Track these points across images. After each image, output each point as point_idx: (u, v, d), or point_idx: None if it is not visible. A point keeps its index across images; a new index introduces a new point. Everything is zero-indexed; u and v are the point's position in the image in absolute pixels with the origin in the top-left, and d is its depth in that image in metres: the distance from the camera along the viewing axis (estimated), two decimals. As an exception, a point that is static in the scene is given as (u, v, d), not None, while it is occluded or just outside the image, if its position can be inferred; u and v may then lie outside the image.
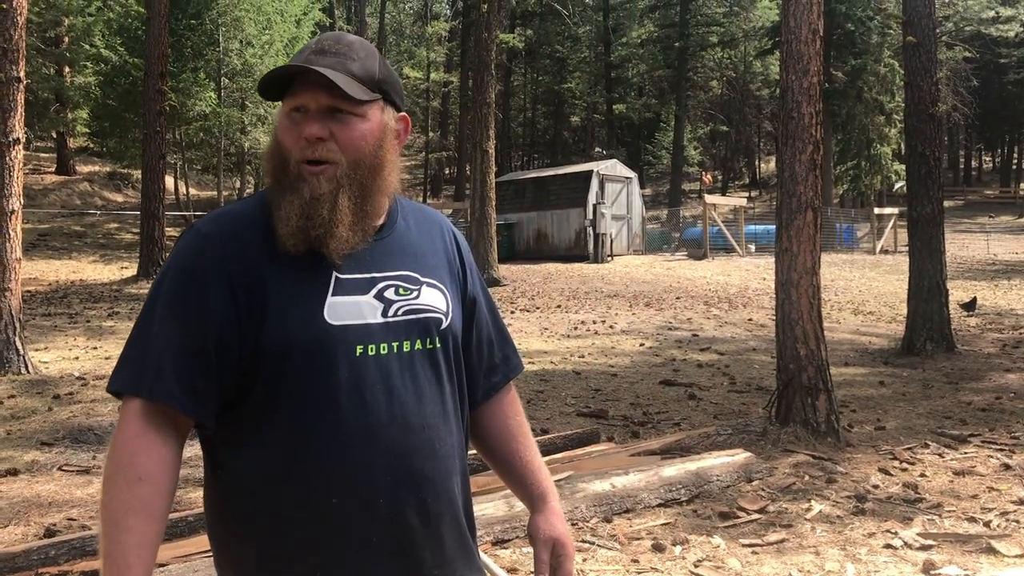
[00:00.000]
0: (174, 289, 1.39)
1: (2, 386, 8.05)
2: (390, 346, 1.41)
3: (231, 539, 1.43)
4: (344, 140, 1.40)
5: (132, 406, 1.34)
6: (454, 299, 1.54)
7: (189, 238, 1.43)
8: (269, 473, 1.37)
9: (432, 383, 1.46)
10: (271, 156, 1.45)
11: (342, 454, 1.36)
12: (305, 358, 1.36)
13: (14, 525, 4.70)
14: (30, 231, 23.04)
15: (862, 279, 21.43)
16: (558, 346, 11.33)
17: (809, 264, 6.25)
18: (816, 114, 6.28)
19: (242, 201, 1.51)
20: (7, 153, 8.42)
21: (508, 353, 1.70)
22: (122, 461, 1.31)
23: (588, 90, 52.46)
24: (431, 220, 1.62)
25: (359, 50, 1.44)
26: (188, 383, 1.34)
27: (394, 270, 1.47)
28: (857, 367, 10.00)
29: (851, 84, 32.91)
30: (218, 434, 1.41)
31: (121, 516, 1.28)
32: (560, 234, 25.02)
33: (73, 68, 27.17)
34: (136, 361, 1.36)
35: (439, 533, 1.45)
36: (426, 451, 1.42)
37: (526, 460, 1.65)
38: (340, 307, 1.39)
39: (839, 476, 5.35)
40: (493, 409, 1.67)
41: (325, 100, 1.39)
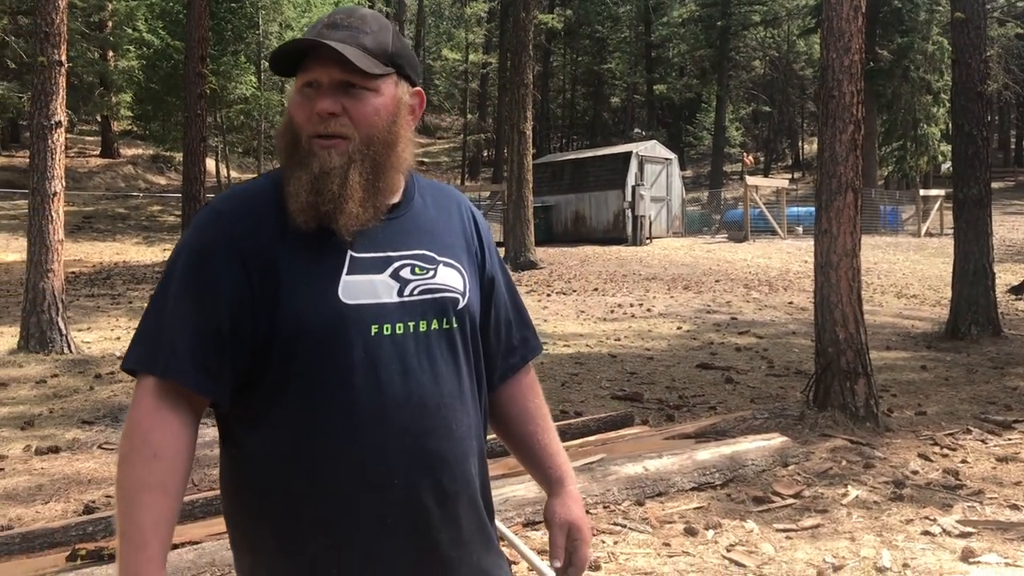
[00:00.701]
0: (188, 267, 1.37)
1: (45, 365, 8.20)
2: (406, 326, 1.39)
3: (246, 519, 1.42)
4: (357, 115, 1.37)
5: (146, 384, 1.33)
6: (471, 278, 1.52)
7: (204, 216, 1.42)
8: (283, 453, 1.36)
9: (449, 363, 1.44)
10: (283, 133, 1.43)
11: (356, 434, 1.35)
12: (319, 338, 1.34)
13: (55, 501, 4.79)
14: (75, 213, 23.46)
15: (906, 262, 21.07)
16: (594, 329, 11.28)
17: (849, 246, 6.13)
18: (858, 93, 6.15)
19: (258, 179, 1.48)
20: (49, 136, 8.55)
21: (527, 334, 1.67)
22: (137, 439, 1.31)
23: (628, 70, 51.99)
24: (448, 198, 1.59)
25: (372, 23, 1.41)
26: (201, 361, 1.33)
27: (410, 249, 1.44)
28: (899, 351, 9.83)
29: (897, 63, 32.25)
30: (233, 413, 1.40)
31: (136, 493, 1.28)
32: (598, 216, 24.87)
33: (117, 52, 27.52)
34: (150, 339, 1.36)
35: (456, 514, 1.43)
36: (442, 431, 1.41)
37: (544, 443, 1.63)
38: (355, 286, 1.37)
39: (877, 461, 5.27)
40: (511, 391, 1.64)
41: (337, 75, 1.36)
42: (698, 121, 48.63)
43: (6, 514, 4.56)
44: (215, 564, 3.39)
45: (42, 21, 8.65)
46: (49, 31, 8.62)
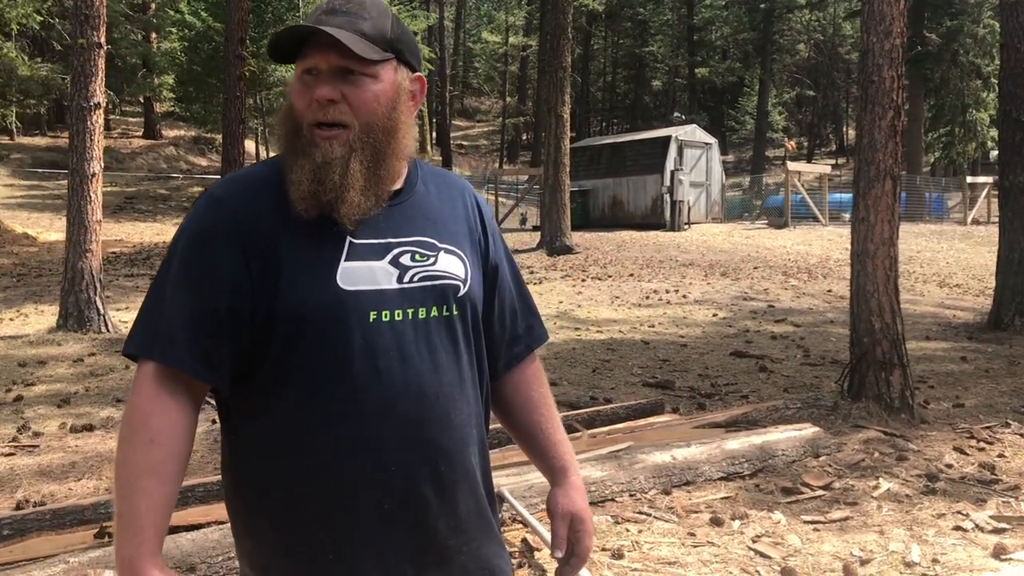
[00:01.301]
0: (187, 253, 1.38)
1: (82, 344, 8.33)
2: (405, 313, 1.38)
3: (246, 505, 1.43)
4: (356, 102, 1.37)
5: (146, 369, 1.33)
6: (473, 266, 1.51)
7: (203, 202, 1.41)
8: (281, 440, 1.36)
9: (448, 351, 1.43)
10: (284, 120, 1.42)
11: (354, 422, 1.35)
12: (318, 324, 1.34)
13: (87, 479, 4.87)
14: (117, 194, 23.81)
15: (950, 250, 20.70)
16: (628, 315, 11.21)
17: (886, 234, 6.01)
18: (898, 78, 6.01)
19: (257, 165, 1.48)
20: (88, 117, 8.65)
21: (532, 323, 1.66)
22: (136, 424, 1.31)
23: (670, 53, 51.54)
24: (452, 185, 1.58)
25: (371, 9, 1.40)
26: (200, 348, 1.33)
27: (411, 235, 1.43)
28: (939, 341, 9.65)
29: (946, 46, 31.59)
30: (232, 401, 1.41)
31: (134, 478, 1.28)
32: (636, 201, 24.69)
33: (159, 34, 27.82)
34: (150, 325, 1.36)
35: (454, 502, 1.43)
36: (441, 420, 1.40)
37: (547, 433, 1.62)
38: (353, 272, 1.36)
39: (911, 454, 5.17)
40: (515, 380, 1.63)
41: (336, 61, 1.35)
42: (740, 105, 48.11)
43: (40, 490, 4.64)
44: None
45: (82, 3, 8.75)
46: (88, 13, 8.71)
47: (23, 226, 18.95)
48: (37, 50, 20.23)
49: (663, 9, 51.44)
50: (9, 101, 19.09)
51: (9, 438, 5.53)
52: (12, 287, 12.45)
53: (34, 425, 5.81)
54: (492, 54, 49.19)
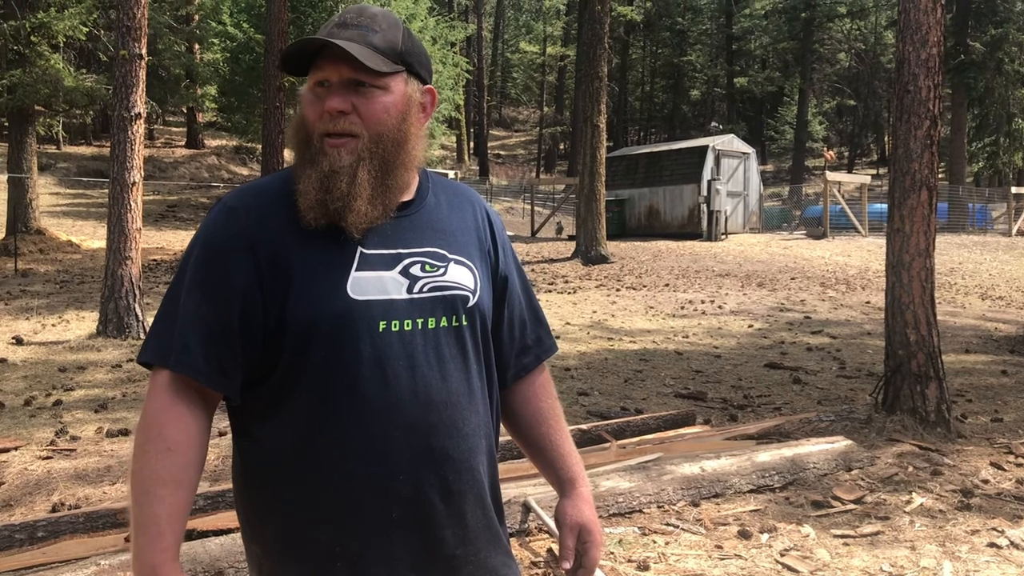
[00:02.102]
0: (200, 262, 1.39)
1: (121, 350, 8.47)
2: (414, 322, 1.39)
3: (254, 512, 1.44)
4: (366, 113, 1.39)
5: (160, 377, 1.35)
6: (483, 277, 1.52)
7: (216, 212, 1.43)
8: (291, 446, 1.37)
9: (457, 361, 1.44)
10: (296, 130, 1.44)
11: (362, 429, 1.36)
12: (328, 333, 1.35)
13: (121, 483, 4.94)
14: (159, 202, 24.19)
15: (993, 262, 20.34)
16: (662, 325, 11.16)
17: (922, 246, 5.94)
18: (934, 88, 5.94)
19: (271, 176, 1.50)
20: (129, 127, 8.81)
21: (541, 334, 1.66)
22: (152, 432, 1.33)
23: (708, 63, 51.32)
24: (463, 197, 1.59)
25: (381, 21, 1.42)
26: (213, 356, 1.35)
27: (421, 246, 1.44)
28: (978, 354, 9.49)
29: (990, 55, 31.06)
30: (243, 407, 1.42)
31: (151, 486, 1.30)
32: (672, 211, 24.59)
33: (202, 45, 28.21)
34: (164, 333, 1.38)
35: (461, 511, 1.43)
36: (449, 429, 1.41)
37: (556, 443, 1.62)
38: (364, 282, 1.37)
39: (946, 469, 5.09)
40: (524, 391, 1.63)
41: (347, 73, 1.38)
42: (780, 115, 47.75)
43: (75, 493, 4.72)
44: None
45: (124, 15, 8.92)
46: (130, 25, 8.88)
47: (67, 233, 19.31)
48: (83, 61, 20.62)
49: (702, 19, 51.26)
50: (56, 111, 19.46)
51: (47, 442, 5.64)
52: (55, 293, 12.69)
53: (72, 429, 5.91)
54: (530, 64, 49.31)
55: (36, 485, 4.86)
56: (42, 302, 11.74)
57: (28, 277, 14.57)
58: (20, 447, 5.52)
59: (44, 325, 9.94)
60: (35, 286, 13.44)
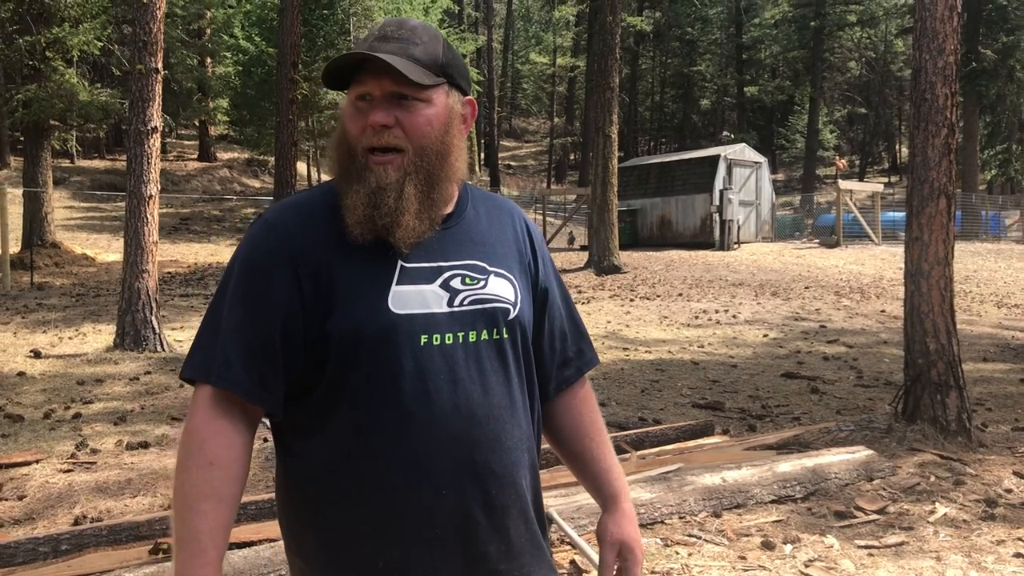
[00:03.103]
0: (241, 278, 1.40)
1: (138, 363, 8.50)
2: (455, 336, 1.39)
3: (298, 526, 1.44)
4: (409, 126, 1.38)
5: (203, 393, 1.35)
6: (523, 289, 1.51)
7: (257, 228, 1.44)
8: (333, 461, 1.37)
9: (499, 374, 1.43)
10: (337, 145, 1.44)
11: (405, 444, 1.35)
12: (370, 347, 1.35)
13: (142, 495, 4.95)
14: (172, 215, 24.29)
15: (1008, 270, 20.24)
16: (677, 335, 11.14)
17: (941, 254, 5.91)
18: (952, 96, 5.92)
19: (309, 190, 1.50)
20: (146, 141, 8.86)
21: (582, 347, 1.65)
22: (194, 447, 1.33)
23: (718, 72, 51.31)
24: (502, 209, 1.58)
25: (422, 34, 1.42)
26: (255, 372, 1.35)
27: (461, 259, 1.44)
28: (997, 363, 9.43)
29: (1002, 62, 31.00)
30: (286, 423, 1.42)
31: (194, 501, 1.30)
32: (685, 220, 24.57)
33: (214, 59, 28.42)
34: (206, 349, 1.38)
35: (505, 526, 1.42)
36: (491, 442, 1.40)
37: (598, 458, 1.60)
38: (405, 296, 1.37)
39: (968, 478, 5.06)
40: (566, 403, 1.62)
41: (389, 86, 1.37)
42: (790, 123, 47.68)
43: (97, 506, 4.73)
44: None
45: (140, 30, 8.98)
46: (147, 40, 8.94)
47: (82, 247, 19.42)
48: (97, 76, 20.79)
49: (711, 28, 51.28)
50: (70, 125, 19.60)
51: (68, 455, 5.65)
52: (71, 307, 12.76)
53: (91, 442, 5.93)
54: (540, 75, 49.39)
55: (58, 498, 4.87)
56: (59, 315, 11.80)
57: (44, 290, 14.65)
58: (41, 460, 5.54)
59: (61, 338, 9.98)
60: (51, 299, 13.51)
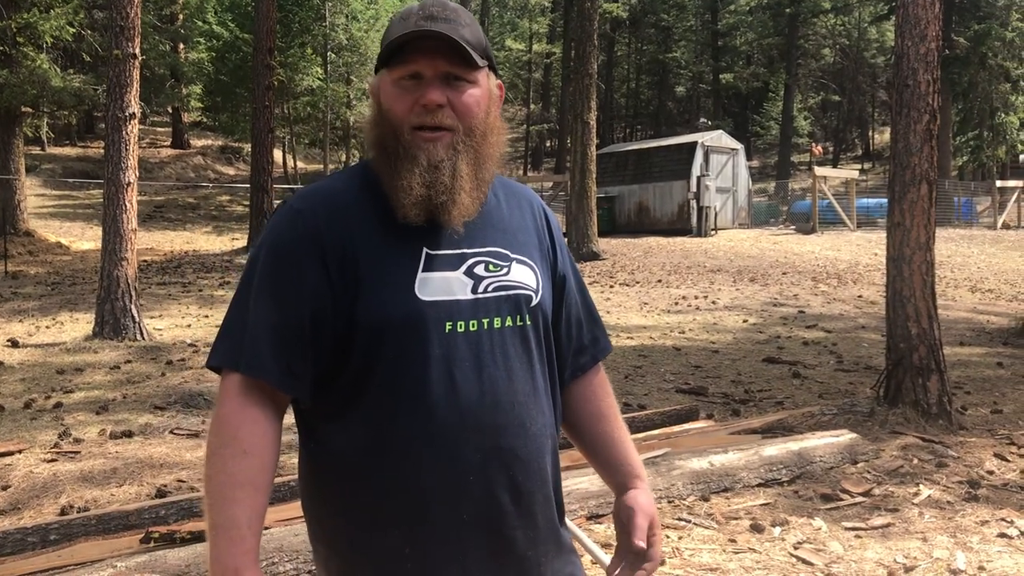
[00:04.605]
0: (268, 266, 1.39)
1: (119, 352, 8.42)
2: (480, 322, 1.39)
3: (323, 512, 1.43)
4: (460, 106, 1.39)
5: (231, 381, 1.35)
6: (544, 276, 1.51)
7: (282, 215, 1.43)
8: (359, 448, 1.37)
9: (523, 360, 1.43)
10: (376, 125, 1.43)
11: (430, 430, 1.35)
12: (396, 334, 1.35)
13: (128, 484, 4.92)
14: (147, 203, 24.04)
15: (981, 255, 20.49)
16: (658, 321, 11.19)
17: (923, 239, 5.98)
18: (933, 82, 5.98)
19: (334, 177, 1.49)
20: (123, 127, 8.76)
21: (597, 334, 1.65)
22: (226, 435, 1.32)
23: (694, 59, 51.38)
24: (520, 196, 1.58)
25: (464, 16, 1.42)
26: (284, 359, 1.34)
27: (484, 246, 1.44)
28: (973, 347, 9.56)
29: (973, 50, 31.26)
30: (312, 409, 1.42)
31: (229, 489, 1.29)
32: (662, 207, 24.65)
33: (187, 44, 28.09)
34: (234, 337, 1.38)
35: (531, 512, 1.42)
36: (517, 429, 1.40)
37: (617, 440, 1.61)
38: (430, 283, 1.37)
39: (950, 460, 5.13)
40: (582, 390, 1.62)
41: (443, 66, 1.37)
42: (765, 110, 47.83)
43: (83, 496, 4.69)
44: (282, 549, 3.44)
45: (117, 15, 8.86)
46: (124, 25, 8.82)
47: (56, 235, 19.19)
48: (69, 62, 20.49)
49: (687, 15, 51.28)
50: (42, 112, 19.34)
51: (51, 444, 5.60)
52: (47, 295, 12.61)
53: (74, 432, 5.88)
54: (516, 62, 49.20)
55: (43, 488, 4.83)
56: (34, 304, 11.66)
57: (19, 279, 14.47)
58: (24, 450, 5.49)
59: (38, 327, 9.87)
60: (26, 288, 13.35)
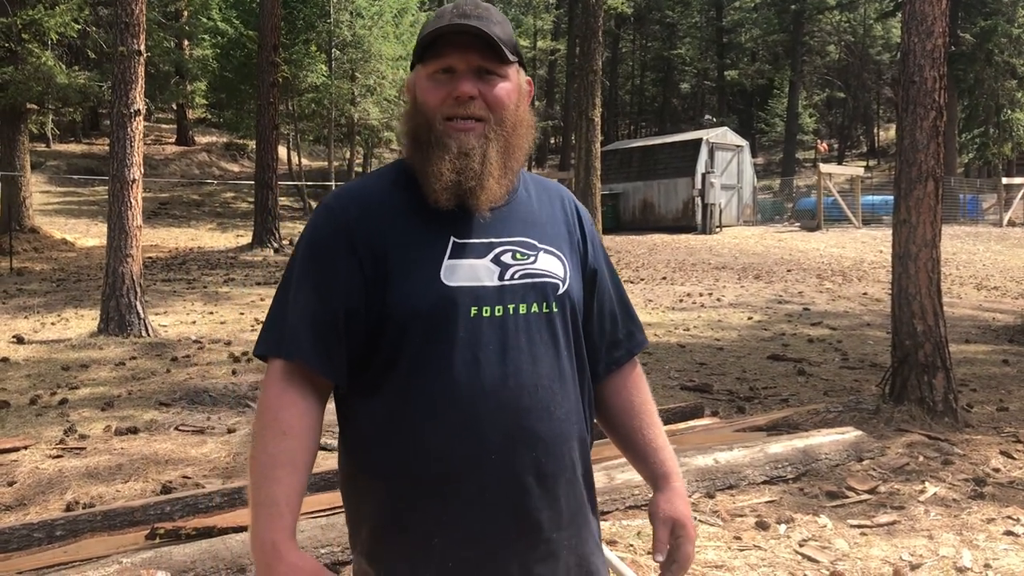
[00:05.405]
0: (305, 261, 1.49)
1: (124, 348, 8.43)
2: (505, 308, 1.45)
3: (357, 491, 1.51)
4: (491, 99, 1.46)
5: (275, 367, 1.44)
6: (573, 268, 1.56)
7: (320, 212, 1.52)
8: (389, 426, 1.44)
9: (548, 346, 1.48)
10: (410, 117, 1.51)
11: (457, 411, 1.41)
12: (424, 319, 1.42)
13: (134, 481, 4.93)
14: (151, 200, 24.07)
15: (986, 252, 20.44)
16: (662, 318, 11.18)
17: (929, 236, 5.96)
18: (940, 79, 5.96)
19: (367, 176, 1.59)
20: (128, 124, 8.76)
21: (632, 329, 1.70)
22: (268, 418, 1.40)
23: (699, 56, 51.31)
24: (551, 191, 1.65)
25: (495, 14, 1.50)
26: (323, 346, 1.43)
27: (512, 236, 1.51)
28: (979, 344, 9.54)
29: (979, 47, 31.20)
30: (347, 392, 1.50)
31: (270, 469, 1.37)
32: (667, 204, 24.62)
33: (192, 41, 28.05)
34: (277, 327, 1.47)
35: (555, 495, 1.47)
36: (539, 411, 1.45)
37: (649, 438, 1.64)
38: (457, 269, 1.44)
39: (956, 458, 5.12)
40: (616, 384, 1.66)
41: (476, 60, 1.45)
42: (770, 107, 47.76)
43: (88, 492, 4.70)
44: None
45: (122, 11, 8.86)
46: (128, 21, 8.82)
47: (61, 232, 19.22)
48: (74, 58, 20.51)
49: (691, 12, 51.22)
50: (48, 109, 19.37)
51: (56, 440, 5.61)
52: (52, 292, 12.63)
53: (80, 428, 5.88)
54: (520, 58, 49.10)
55: (49, 484, 4.84)
56: (40, 301, 11.68)
57: (24, 276, 14.49)
58: (29, 446, 5.50)
59: (44, 324, 9.89)
60: (32, 285, 13.38)
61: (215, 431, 5.92)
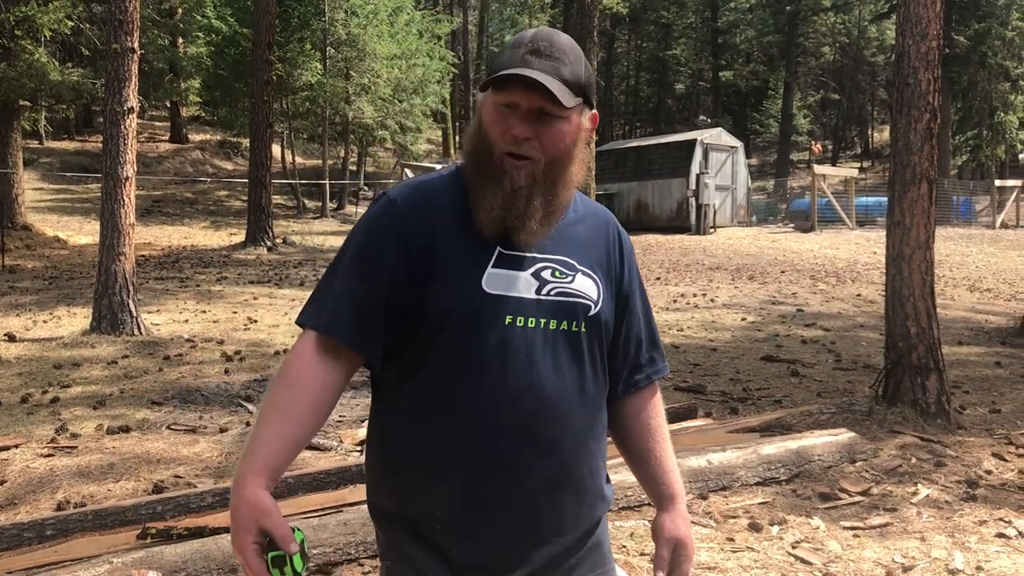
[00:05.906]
0: (360, 245, 1.56)
1: (116, 346, 8.41)
2: (537, 321, 1.52)
3: (382, 470, 1.59)
4: (546, 141, 1.51)
5: (308, 335, 1.52)
6: (607, 292, 1.63)
7: (381, 202, 1.59)
8: (418, 412, 1.52)
9: (571, 363, 1.55)
10: (474, 141, 1.56)
11: (478, 412, 1.49)
12: (460, 318, 1.49)
13: (125, 480, 4.90)
14: (145, 197, 23.99)
15: (979, 255, 20.49)
16: (656, 319, 11.17)
17: (923, 238, 5.97)
18: (934, 81, 5.97)
19: (432, 176, 1.66)
20: (122, 121, 8.73)
21: (655, 356, 1.76)
22: (282, 374, 1.50)
23: (693, 57, 51.36)
24: (599, 216, 1.72)
25: (570, 54, 1.53)
26: (359, 325, 1.51)
27: (555, 255, 1.57)
28: (972, 346, 9.56)
29: (973, 49, 31.26)
30: (381, 373, 1.59)
31: (264, 415, 1.46)
32: (661, 204, 24.64)
33: (186, 39, 27.95)
34: (321, 302, 1.55)
35: (559, 502, 1.53)
36: (556, 421, 1.52)
37: (660, 460, 1.71)
38: (498, 278, 1.52)
39: (949, 460, 5.13)
40: (635, 406, 1.73)
41: (537, 102, 1.49)
42: (764, 108, 47.84)
43: (79, 491, 4.68)
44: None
45: (116, 9, 8.83)
46: (122, 19, 8.79)
47: (53, 229, 19.16)
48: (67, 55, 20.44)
49: (687, 12, 51.27)
50: (41, 106, 19.30)
51: (47, 439, 5.59)
52: (45, 290, 12.59)
53: (71, 426, 5.86)
54: (515, 58, 49.06)
55: (39, 483, 4.81)
56: (32, 299, 11.64)
57: (16, 273, 14.44)
58: (20, 445, 5.47)
59: (35, 322, 9.85)
60: (24, 282, 13.33)
61: (207, 430, 5.90)
